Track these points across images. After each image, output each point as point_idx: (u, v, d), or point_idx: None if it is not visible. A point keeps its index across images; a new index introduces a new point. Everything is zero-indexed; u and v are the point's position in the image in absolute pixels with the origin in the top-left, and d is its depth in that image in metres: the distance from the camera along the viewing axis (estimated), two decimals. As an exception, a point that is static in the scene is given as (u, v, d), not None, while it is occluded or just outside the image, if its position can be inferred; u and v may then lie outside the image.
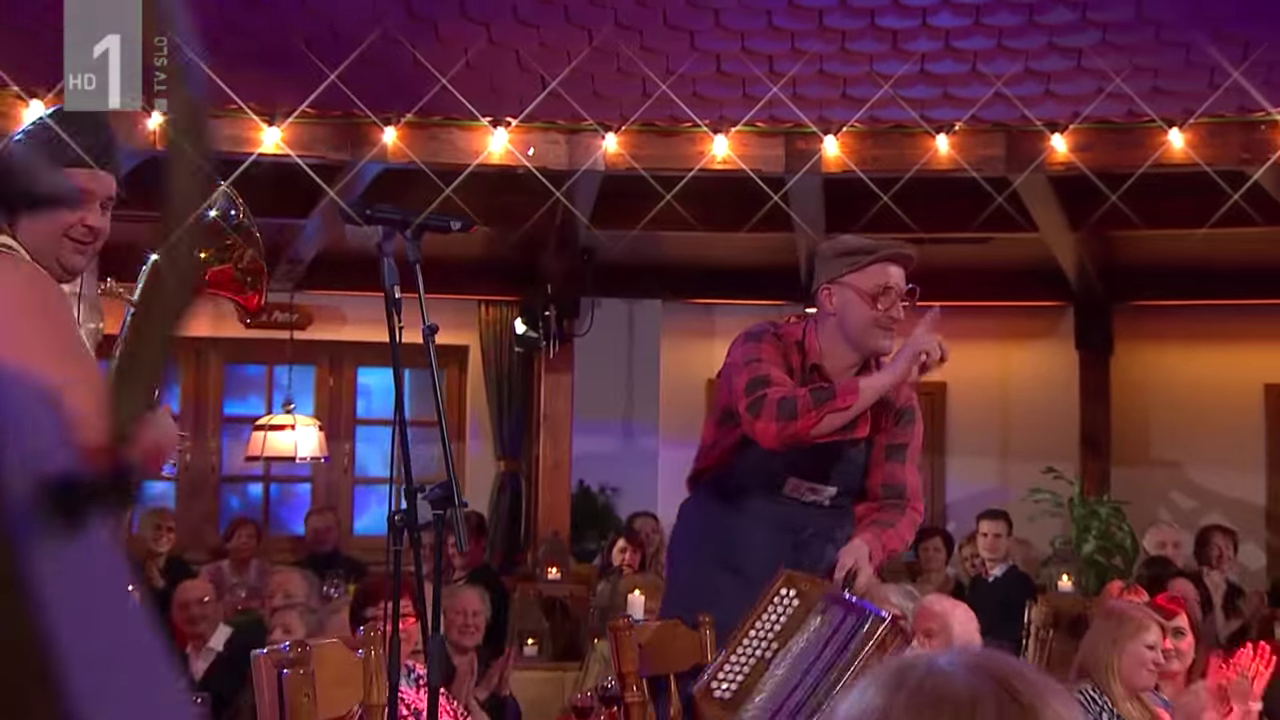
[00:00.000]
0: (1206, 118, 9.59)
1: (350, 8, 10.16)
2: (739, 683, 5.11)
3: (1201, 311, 13.10)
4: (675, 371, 14.03)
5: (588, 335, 13.52)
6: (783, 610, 5.07)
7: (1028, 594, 11.12)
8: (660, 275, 12.51)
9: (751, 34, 10.73)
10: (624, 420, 14.11)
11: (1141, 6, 10.31)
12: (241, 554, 12.03)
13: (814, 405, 4.97)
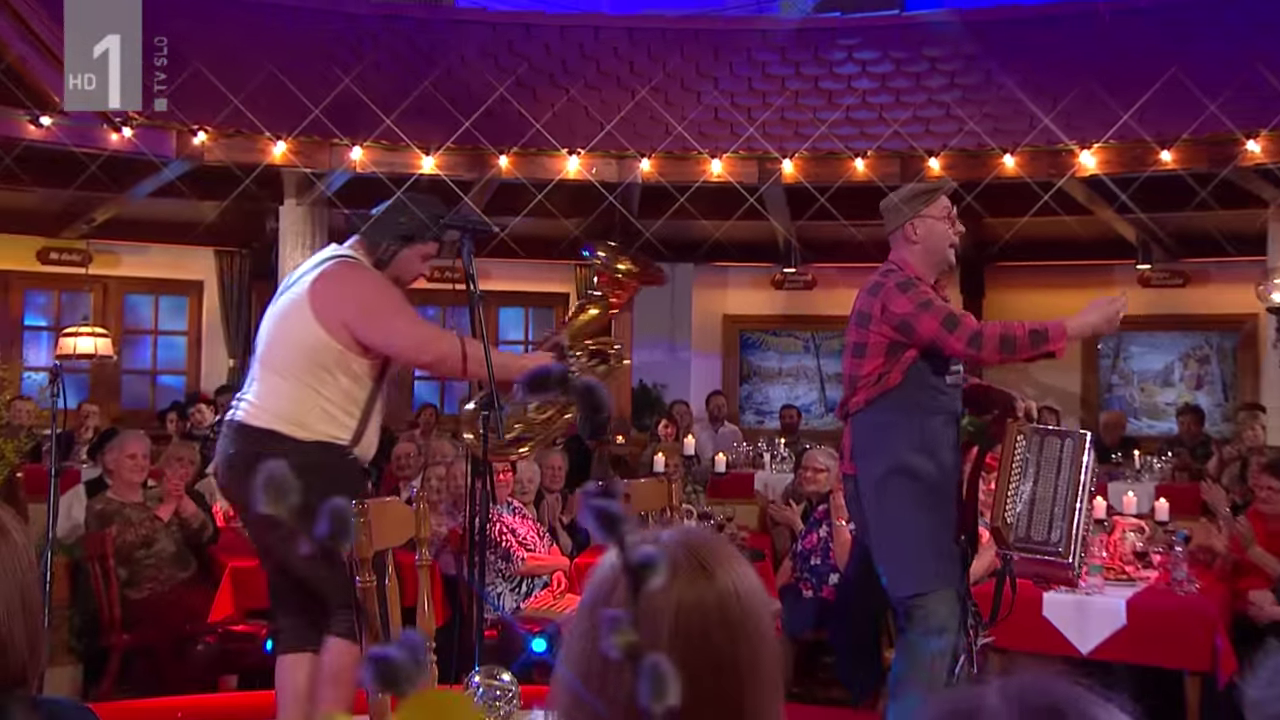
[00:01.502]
0: (1028, 147, 9.86)
1: (477, 78, 10.33)
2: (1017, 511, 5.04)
3: (1036, 269, 13.28)
4: (701, 309, 14.35)
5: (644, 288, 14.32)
6: (1022, 450, 4.93)
7: None
8: (689, 248, 12.67)
9: (737, 94, 10.94)
10: (669, 341, 14.36)
11: (989, 75, 10.50)
12: (425, 427, 11.99)
13: (1031, 345, 4.71)
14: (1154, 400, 13.84)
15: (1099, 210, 11.01)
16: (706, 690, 1.53)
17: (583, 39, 11.43)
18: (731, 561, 1.62)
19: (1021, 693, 1.12)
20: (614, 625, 1.39)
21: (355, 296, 4.56)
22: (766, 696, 1.60)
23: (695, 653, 1.53)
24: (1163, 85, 9.21)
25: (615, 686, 1.53)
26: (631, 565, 1.38)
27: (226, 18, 10.77)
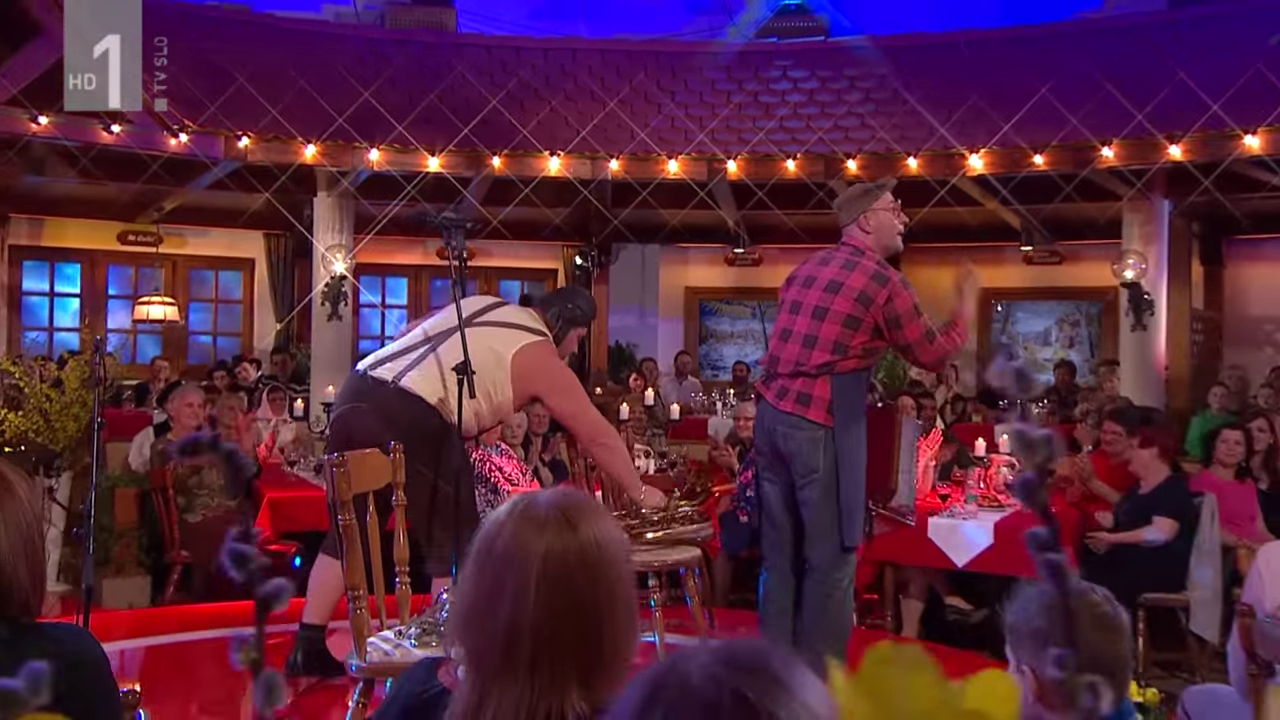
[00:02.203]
0: (928, 151, 9.87)
1: (474, 92, 10.18)
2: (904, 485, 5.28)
3: (941, 250, 12.67)
4: (666, 282, 14.32)
5: (616, 264, 13.82)
6: (906, 433, 5.21)
7: None
8: (653, 231, 12.59)
9: (690, 106, 10.89)
10: (639, 308, 14.35)
11: (896, 92, 10.42)
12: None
13: (953, 348, 4.83)
14: (1035, 357, 13.82)
15: (987, 202, 11.00)
16: (570, 622, 1.56)
17: (563, 59, 11.34)
18: (595, 517, 1.65)
19: (733, 655, 1.07)
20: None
21: (549, 378, 4.71)
22: (622, 627, 1.61)
23: (560, 591, 1.56)
24: (1036, 102, 9.23)
25: (491, 616, 1.56)
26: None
27: (266, 42, 10.69)
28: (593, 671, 1.57)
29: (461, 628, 1.61)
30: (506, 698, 1.53)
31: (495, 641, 1.55)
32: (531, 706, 1.52)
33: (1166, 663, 6.30)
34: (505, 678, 1.54)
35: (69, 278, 13.26)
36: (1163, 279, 10.23)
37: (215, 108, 9.43)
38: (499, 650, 1.55)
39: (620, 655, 1.61)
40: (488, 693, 1.54)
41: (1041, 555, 0.90)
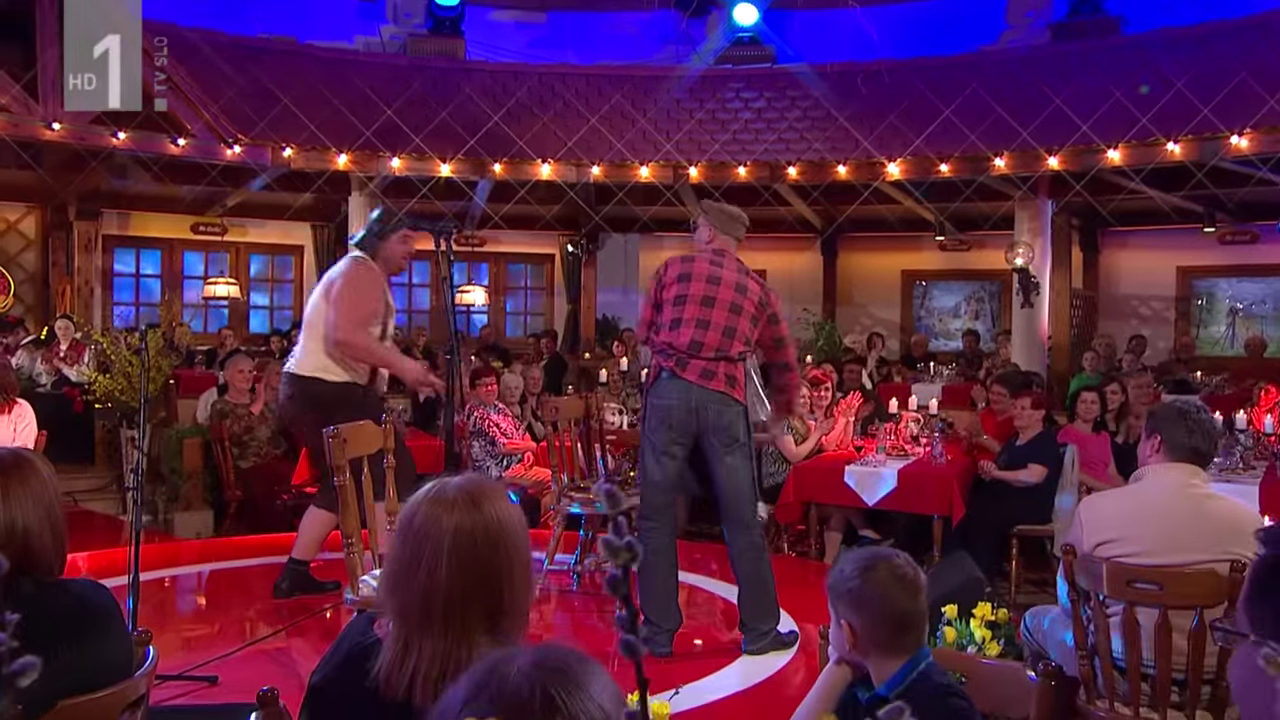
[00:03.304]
0: (853, 159, 9.85)
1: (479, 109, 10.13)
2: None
3: (871, 238, 13.19)
4: (645, 264, 14.05)
5: (604, 250, 13.81)
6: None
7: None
8: (631, 222, 12.41)
9: (659, 121, 10.80)
10: (623, 286, 14.24)
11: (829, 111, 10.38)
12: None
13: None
14: (948, 327, 13.93)
15: (904, 200, 10.98)
16: (477, 584, 1.60)
17: (554, 82, 11.28)
18: (495, 498, 1.68)
19: (543, 659, 1.11)
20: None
21: (335, 288, 4.52)
22: (520, 586, 1.65)
23: (466, 560, 1.59)
24: (942, 120, 9.26)
25: (411, 581, 1.60)
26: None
27: (307, 68, 10.62)
28: (497, 623, 1.60)
29: (388, 590, 1.63)
30: (426, 646, 1.56)
31: (415, 601, 1.58)
32: (446, 653, 1.56)
33: (1035, 580, 6.43)
34: (425, 631, 1.57)
35: (151, 262, 13.26)
36: (1046, 264, 10.29)
37: (264, 124, 9.40)
38: (418, 608, 1.57)
39: (519, 608, 1.64)
40: (410, 643, 1.58)
41: (622, 636, 0.99)
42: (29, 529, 1.83)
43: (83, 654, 1.79)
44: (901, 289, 13.93)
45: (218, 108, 9.24)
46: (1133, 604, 3.09)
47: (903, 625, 1.94)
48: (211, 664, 3.82)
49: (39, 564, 1.85)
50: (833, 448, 7.07)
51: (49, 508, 1.89)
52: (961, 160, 9.38)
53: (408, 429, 7.87)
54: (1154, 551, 3.11)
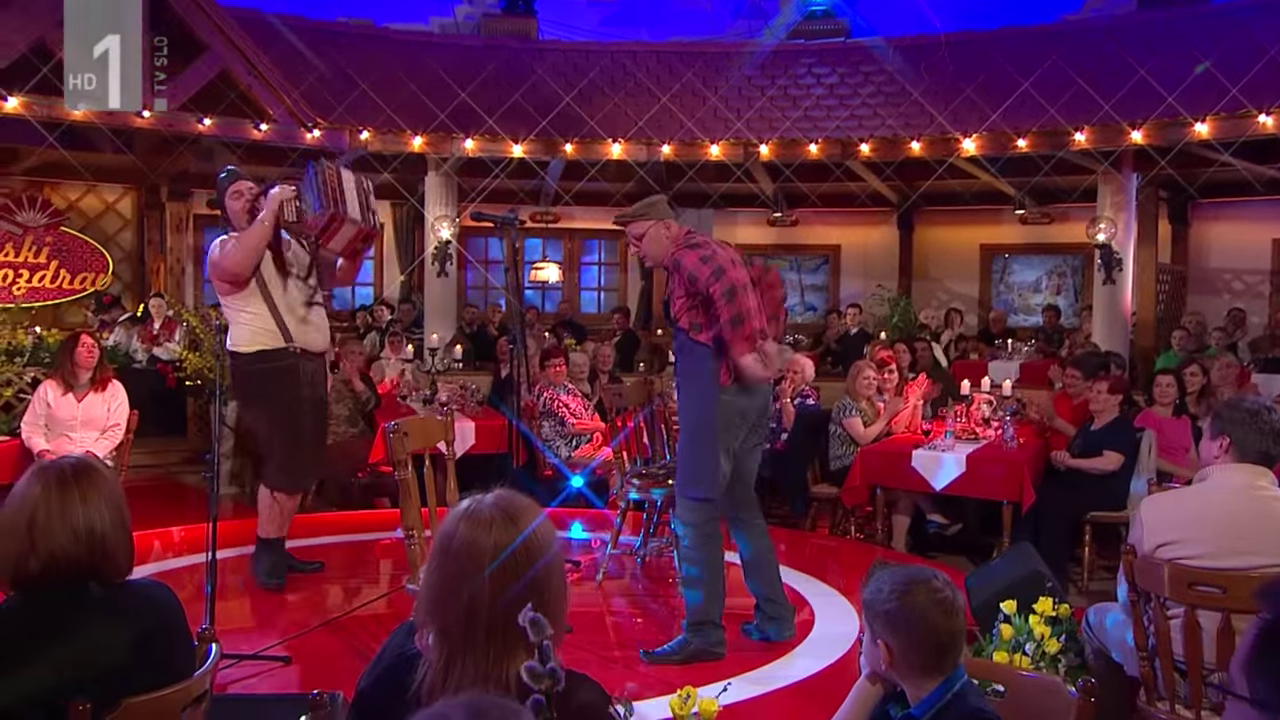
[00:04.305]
0: (928, 135, 9.62)
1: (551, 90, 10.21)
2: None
3: (948, 212, 12.87)
4: (718, 238, 14.45)
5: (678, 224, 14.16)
6: None
7: (867, 340, 10.94)
8: (705, 198, 12.45)
9: (730, 99, 10.68)
10: None
11: (903, 86, 10.18)
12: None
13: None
14: (1028, 302, 13.56)
15: (981, 175, 10.67)
16: (515, 602, 1.60)
17: (625, 60, 11.21)
18: (530, 514, 1.70)
19: (478, 708, 1.16)
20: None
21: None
22: (556, 602, 1.68)
23: (505, 578, 1.62)
24: (1020, 94, 8.99)
25: (453, 600, 1.64)
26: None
27: (383, 51, 10.75)
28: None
29: (430, 609, 1.65)
30: (469, 665, 1.59)
31: (457, 620, 1.61)
32: (488, 669, 1.59)
33: (1109, 567, 6.28)
34: (467, 649, 1.60)
35: (239, 240, 13.58)
36: (1130, 239, 9.95)
37: (342, 108, 9.57)
38: (460, 627, 1.60)
39: (557, 621, 1.64)
40: (453, 661, 1.60)
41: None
42: (105, 532, 1.91)
43: (148, 654, 1.89)
44: (980, 263, 13.57)
45: (298, 93, 9.45)
46: (1195, 607, 3.03)
47: (940, 648, 1.94)
48: (284, 643, 3.96)
49: (112, 564, 1.93)
50: (901, 430, 6.96)
51: (119, 511, 1.98)
52: (1040, 135, 9.10)
53: (481, 408, 7.91)
54: (1217, 554, 3.05)
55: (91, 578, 1.90)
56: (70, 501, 1.90)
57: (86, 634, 1.83)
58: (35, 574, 1.85)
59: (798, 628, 4.34)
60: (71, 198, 11.73)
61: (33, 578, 1.85)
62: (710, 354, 3.90)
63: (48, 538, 1.85)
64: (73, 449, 5.96)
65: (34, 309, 11.21)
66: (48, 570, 1.85)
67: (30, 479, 1.93)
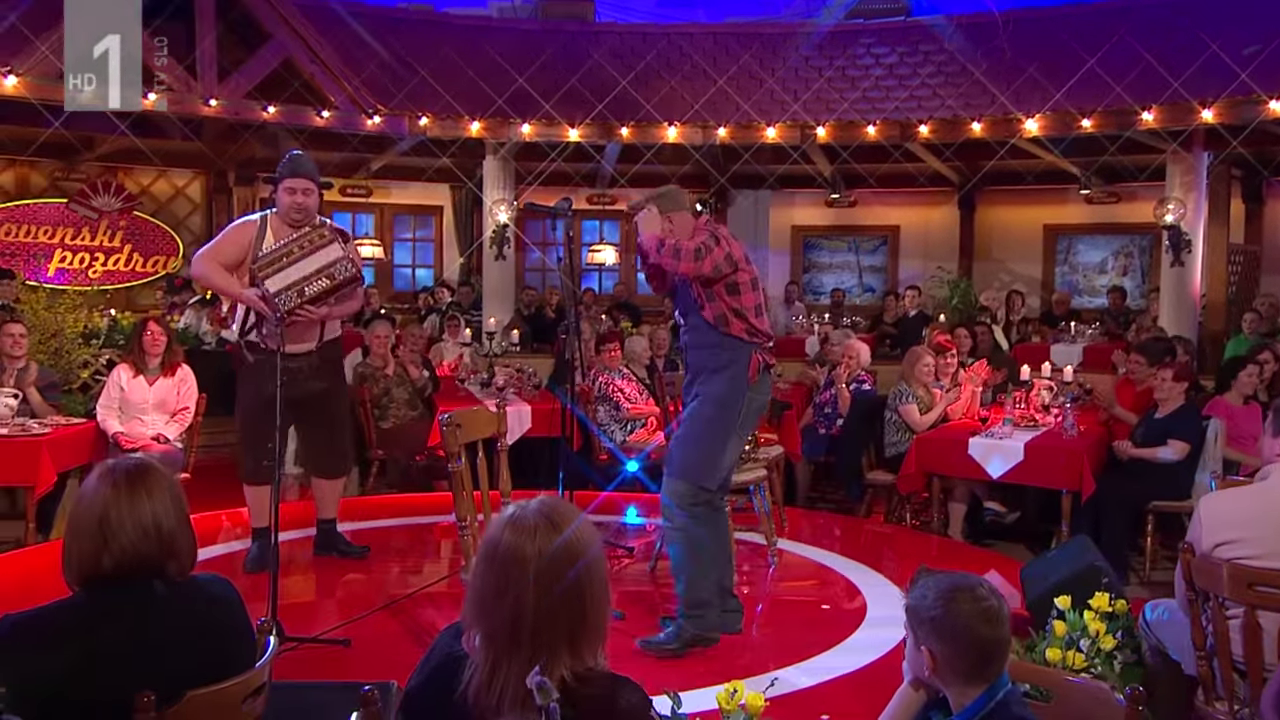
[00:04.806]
0: (989, 116, 9.46)
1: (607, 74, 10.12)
2: None
3: (1011, 192, 12.58)
4: (776, 222, 14.08)
5: (734, 207, 13.67)
6: None
7: (925, 322, 10.92)
8: (763, 180, 12.27)
9: (787, 81, 10.59)
10: (752, 244, 13.24)
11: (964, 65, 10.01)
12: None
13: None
14: (1092, 283, 13.26)
15: (1044, 154, 10.45)
16: (559, 607, 1.66)
17: (681, 42, 11.16)
18: (572, 517, 1.73)
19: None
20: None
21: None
22: (600, 602, 1.72)
23: (550, 584, 1.66)
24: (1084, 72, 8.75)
25: (499, 606, 1.68)
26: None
27: (442, 37, 10.81)
28: (578, 640, 1.66)
29: (475, 614, 1.70)
30: (514, 668, 1.62)
31: (504, 625, 1.64)
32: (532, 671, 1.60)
33: (1173, 557, 6.13)
34: (512, 653, 1.63)
35: (302, 223, 13.81)
36: (1200, 219, 9.66)
37: (402, 95, 9.67)
38: (506, 632, 1.64)
39: (599, 624, 1.70)
40: (499, 665, 1.64)
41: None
42: (172, 528, 1.98)
43: (210, 648, 1.95)
44: (1044, 244, 13.27)
45: (359, 80, 9.58)
46: (1255, 607, 2.98)
47: (984, 656, 1.93)
48: (345, 626, 4.05)
49: (177, 561, 1.99)
50: (958, 417, 6.87)
51: (182, 508, 2.05)
52: (1106, 115, 8.87)
53: (538, 392, 7.97)
54: (1278, 553, 2.98)
55: (157, 574, 1.96)
56: (139, 499, 1.95)
57: (151, 629, 1.89)
58: (107, 571, 1.91)
59: (852, 616, 4.32)
60: (144, 182, 12.04)
61: (105, 575, 1.91)
62: (744, 346, 3.87)
63: (120, 535, 1.91)
64: (145, 431, 6.17)
65: (109, 292, 11.57)
66: (120, 567, 1.91)
67: (97, 480, 1.99)
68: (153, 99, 8.65)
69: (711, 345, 3.90)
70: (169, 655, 1.88)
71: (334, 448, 4.90)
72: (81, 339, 8.05)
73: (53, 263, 11.43)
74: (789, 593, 4.92)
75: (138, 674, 1.80)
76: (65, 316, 7.84)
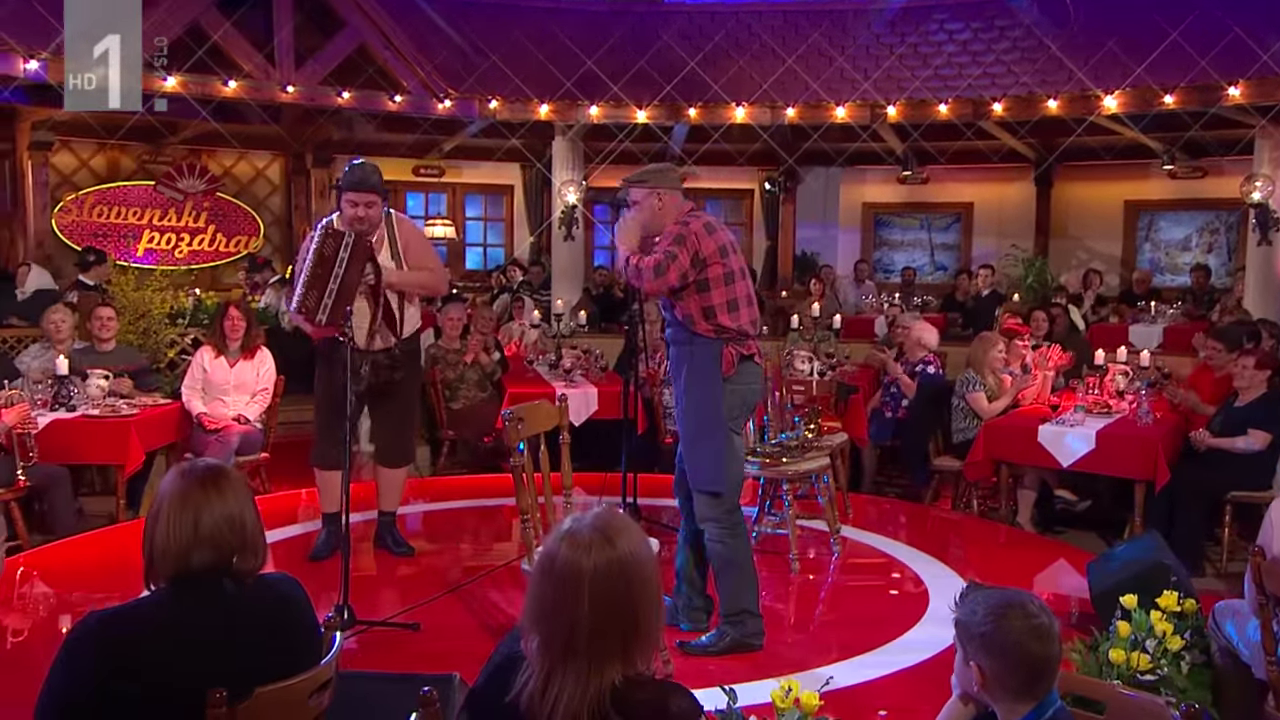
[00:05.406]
0: (1065, 94, 9.22)
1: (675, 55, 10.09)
2: None
3: (1090, 167, 12.22)
4: (846, 199, 13.89)
5: (803, 184, 13.51)
6: None
7: (998, 302, 10.77)
8: (834, 157, 11.84)
9: (858, 59, 10.41)
10: (821, 222, 13.93)
11: (1040, 40, 9.72)
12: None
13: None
14: (1175, 261, 12.84)
15: (1124, 131, 10.14)
16: (614, 615, 1.71)
17: (750, 21, 11.03)
18: (627, 530, 1.77)
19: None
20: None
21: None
22: (652, 613, 1.76)
23: (607, 594, 1.71)
24: (1167, 45, 8.43)
25: (556, 617, 1.72)
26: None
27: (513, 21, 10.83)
28: (630, 651, 1.71)
29: (533, 621, 1.75)
30: (569, 678, 1.68)
31: (559, 635, 1.70)
32: (586, 680, 1.68)
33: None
34: (567, 663, 1.69)
35: (378, 203, 14.05)
36: (1292, 198, 9.28)
37: (472, 79, 9.76)
38: (562, 643, 1.69)
39: (651, 635, 1.75)
40: (554, 673, 1.69)
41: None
42: (249, 524, 2.06)
43: (278, 646, 2.03)
44: (1124, 220, 12.87)
45: (431, 65, 9.69)
46: (1327, 615, 2.90)
47: (1034, 674, 1.92)
48: (413, 610, 4.15)
49: (252, 555, 2.06)
50: (1029, 403, 6.71)
51: (255, 508, 2.12)
52: (1189, 91, 8.56)
53: (604, 374, 8.03)
54: (1354, 560, 2.91)
55: (228, 574, 2.03)
56: (224, 495, 2.03)
57: (225, 627, 1.97)
58: (195, 568, 1.98)
59: (914, 608, 4.28)
60: (226, 164, 12.36)
61: (191, 572, 1.98)
62: (712, 343, 3.84)
63: (212, 531, 1.99)
64: (227, 411, 6.37)
65: (194, 271, 11.94)
66: (208, 563, 1.99)
67: (181, 479, 2.06)
68: (233, 86, 8.93)
69: (682, 343, 3.91)
70: (240, 652, 1.95)
71: (400, 439, 4.97)
72: (168, 319, 8.33)
73: (141, 243, 11.81)
74: (850, 583, 4.90)
75: (211, 670, 1.87)
76: (152, 297, 8.10)
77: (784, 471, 4.85)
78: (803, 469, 4.88)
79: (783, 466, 4.84)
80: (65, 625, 4.26)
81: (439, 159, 13.37)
